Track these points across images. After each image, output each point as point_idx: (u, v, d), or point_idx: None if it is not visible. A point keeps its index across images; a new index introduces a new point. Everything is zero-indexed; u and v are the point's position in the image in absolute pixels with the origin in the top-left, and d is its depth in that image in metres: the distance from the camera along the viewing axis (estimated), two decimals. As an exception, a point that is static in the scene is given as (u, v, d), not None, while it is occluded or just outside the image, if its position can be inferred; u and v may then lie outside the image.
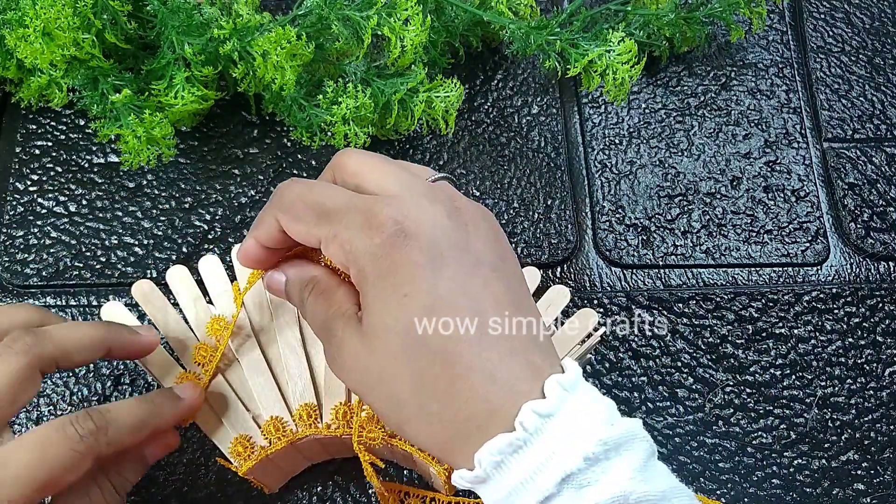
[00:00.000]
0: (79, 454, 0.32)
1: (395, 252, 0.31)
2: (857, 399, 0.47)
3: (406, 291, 0.31)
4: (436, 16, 0.50)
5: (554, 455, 0.28)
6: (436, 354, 0.30)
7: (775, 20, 0.58)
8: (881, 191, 0.53)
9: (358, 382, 0.33)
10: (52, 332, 0.35)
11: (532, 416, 0.29)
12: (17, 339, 0.34)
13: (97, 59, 0.46)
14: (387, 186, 0.33)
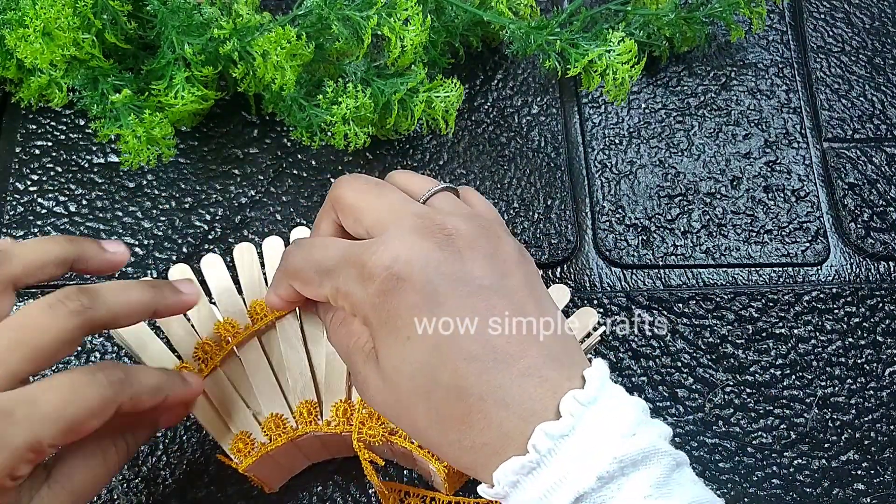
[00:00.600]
0: (106, 400, 0.32)
1: (391, 298, 0.32)
2: (857, 399, 0.47)
3: (408, 334, 0.32)
4: (436, 16, 0.50)
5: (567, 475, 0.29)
6: (448, 390, 0.31)
7: (775, 20, 0.58)
8: (881, 191, 0.53)
9: (384, 413, 0.34)
10: (106, 297, 0.34)
11: (544, 438, 0.29)
12: (71, 298, 0.33)
13: (97, 59, 0.46)
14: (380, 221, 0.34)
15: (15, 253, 0.34)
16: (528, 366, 0.31)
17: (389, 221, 0.33)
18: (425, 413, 0.32)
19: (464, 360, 0.31)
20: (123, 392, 0.33)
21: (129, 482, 0.43)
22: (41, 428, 0.31)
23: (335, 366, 0.41)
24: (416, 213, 0.34)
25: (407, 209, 0.34)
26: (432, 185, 0.37)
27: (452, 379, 0.31)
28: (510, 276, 0.33)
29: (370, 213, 0.34)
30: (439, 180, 0.40)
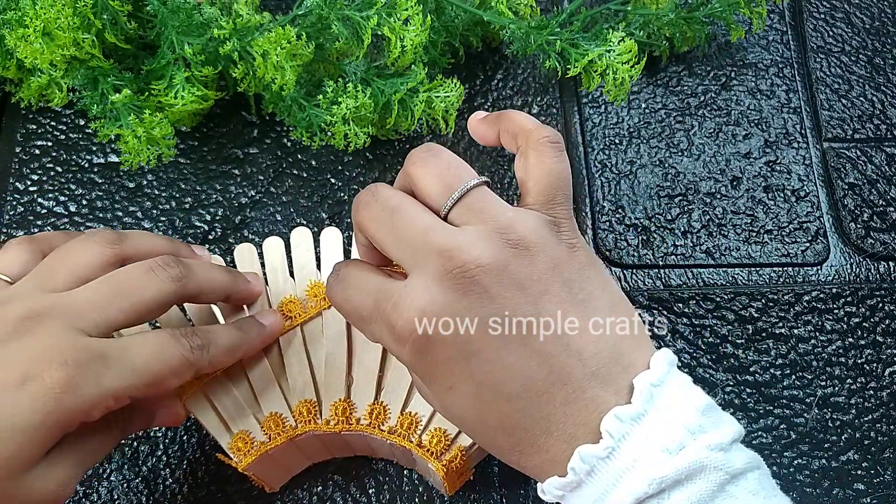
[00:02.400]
0: (188, 362, 0.35)
1: (425, 356, 0.32)
2: (857, 399, 0.47)
3: (450, 384, 0.32)
4: (436, 16, 0.50)
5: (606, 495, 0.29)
6: (495, 429, 0.32)
7: (775, 20, 0.58)
8: (881, 191, 0.53)
9: None
10: (197, 272, 0.37)
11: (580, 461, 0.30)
12: (171, 266, 0.36)
13: (97, 59, 0.46)
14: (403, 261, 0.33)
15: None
16: (571, 392, 0.31)
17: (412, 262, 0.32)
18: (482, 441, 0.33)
19: (506, 402, 0.31)
20: (203, 357, 0.36)
21: (129, 482, 0.43)
22: (131, 377, 0.33)
23: (334, 365, 0.41)
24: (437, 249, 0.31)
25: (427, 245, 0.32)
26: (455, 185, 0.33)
27: (498, 419, 0.32)
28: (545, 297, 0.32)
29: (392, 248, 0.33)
30: None
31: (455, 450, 0.38)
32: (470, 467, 0.41)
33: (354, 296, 0.34)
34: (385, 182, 0.51)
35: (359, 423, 0.39)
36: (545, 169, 0.34)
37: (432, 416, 0.40)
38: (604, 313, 0.32)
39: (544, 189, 0.34)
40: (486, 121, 0.39)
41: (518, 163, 0.36)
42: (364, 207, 0.35)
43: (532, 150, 0.35)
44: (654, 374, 0.31)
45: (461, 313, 0.31)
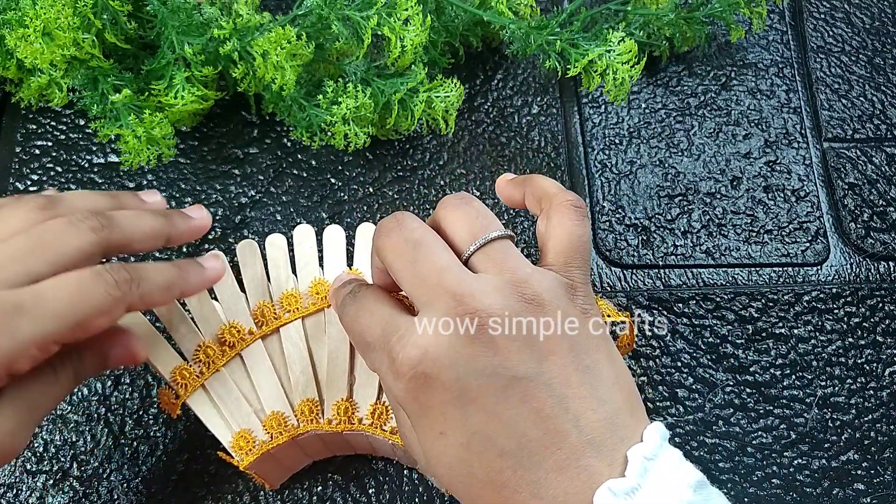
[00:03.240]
0: (113, 299, 0.33)
1: (420, 396, 0.31)
2: (857, 399, 0.47)
3: (441, 430, 0.31)
4: (436, 16, 0.50)
5: None
6: (483, 483, 0.31)
7: (775, 20, 0.58)
8: (881, 191, 0.53)
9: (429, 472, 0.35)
10: (119, 220, 0.36)
11: None
12: (88, 217, 0.35)
13: (97, 59, 0.46)
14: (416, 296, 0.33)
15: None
16: (565, 458, 0.30)
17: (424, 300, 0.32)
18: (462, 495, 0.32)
19: (497, 457, 0.30)
20: (132, 292, 0.34)
21: (129, 482, 0.43)
22: (49, 323, 0.31)
23: (337, 364, 0.41)
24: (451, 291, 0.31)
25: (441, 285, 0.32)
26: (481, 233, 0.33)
27: (487, 474, 0.31)
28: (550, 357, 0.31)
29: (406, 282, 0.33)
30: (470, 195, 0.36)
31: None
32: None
33: (364, 318, 0.34)
34: (387, 181, 0.51)
35: (361, 422, 0.39)
36: (565, 231, 0.35)
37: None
38: (607, 384, 0.32)
39: (563, 250, 0.34)
40: (514, 183, 0.39)
41: (540, 224, 0.36)
42: (386, 235, 0.34)
43: (554, 211, 0.35)
44: (647, 447, 0.30)
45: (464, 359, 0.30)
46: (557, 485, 0.30)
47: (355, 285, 0.36)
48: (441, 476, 0.32)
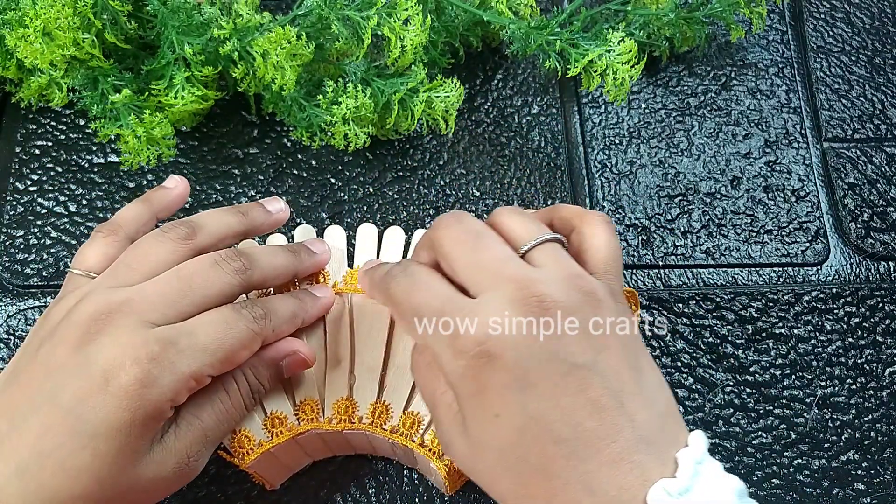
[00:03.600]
0: (254, 333, 0.36)
1: (481, 375, 0.31)
2: (857, 399, 0.47)
3: (497, 412, 0.31)
4: (436, 16, 0.50)
5: None
6: (535, 470, 0.31)
7: (775, 20, 0.58)
8: (881, 191, 0.53)
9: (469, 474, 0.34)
10: (260, 261, 0.38)
11: None
12: (234, 259, 0.37)
13: (97, 59, 0.46)
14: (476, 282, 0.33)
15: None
16: (619, 451, 0.30)
17: (485, 285, 0.33)
18: (510, 485, 0.32)
19: (552, 443, 0.31)
20: (267, 326, 0.37)
21: (129, 482, 0.43)
22: (202, 357, 0.34)
23: (337, 363, 0.41)
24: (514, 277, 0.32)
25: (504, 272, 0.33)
26: (536, 234, 0.35)
27: (540, 460, 0.31)
28: (607, 351, 0.32)
29: (466, 268, 0.34)
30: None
31: (456, 450, 0.38)
32: (470, 467, 0.41)
33: (420, 292, 0.34)
34: (387, 181, 0.51)
35: (361, 422, 0.39)
36: (600, 241, 0.36)
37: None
38: (653, 386, 0.33)
39: (602, 258, 0.36)
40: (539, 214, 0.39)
41: (573, 240, 0.37)
42: (445, 227, 0.35)
43: (587, 225, 0.37)
44: (697, 451, 0.31)
45: (528, 342, 0.31)
46: (610, 479, 0.30)
47: (404, 261, 0.37)
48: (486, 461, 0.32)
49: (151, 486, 0.34)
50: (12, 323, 0.47)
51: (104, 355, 0.33)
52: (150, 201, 0.42)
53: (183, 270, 0.36)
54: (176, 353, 0.34)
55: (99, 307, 0.34)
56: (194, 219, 0.39)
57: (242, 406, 0.37)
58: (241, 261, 0.38)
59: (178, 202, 0.42)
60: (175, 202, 0.42)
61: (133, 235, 0.40)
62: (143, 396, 0.33)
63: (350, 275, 0.43)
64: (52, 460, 0.32)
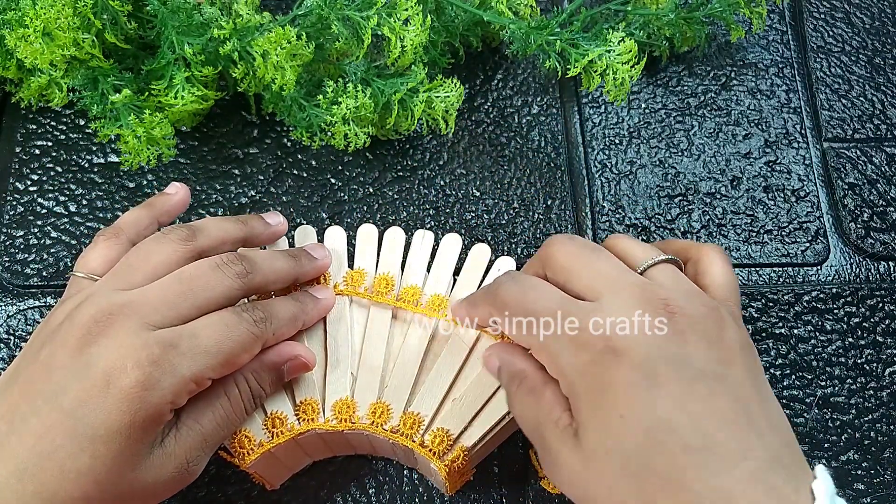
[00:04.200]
0: (254, 336, 0.37)
1: (606, 372, 0.30)
2: (857, 399, 0.47)
3: (622, 412, 0.30)
4: (436, 16, 0.50)
5: None
6: (662, 480, 0.29)
7: (775, 20, 0.58)
8: (881, 191, 0.53)
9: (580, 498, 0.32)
10: (261, 265, 0.39)
11: None
12: (234, 263, 0.38)
13: (97, 59, 0.46)
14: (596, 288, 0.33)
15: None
16: (753, 469, 0.28)
17: (605, 289, 0.32)
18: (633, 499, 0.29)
19: (682, 451, 0.29)
20: (267, 329, 0.37)
21: (130, 482, 0.43)
22: (203, 360, 0.34)
23: (337, 364, 0.41)
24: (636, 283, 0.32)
25: (624, 279, 0.33)
26: (653, 255, 0.35)
27: (669, 469, 0.29)
28: (733, 366, 0.31)
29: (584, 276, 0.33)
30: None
31: (457, 450, 0.38)
32: (471, 467, 0.41)
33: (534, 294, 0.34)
34: (387, 181, 0.51)
35: (361, 422, 0.39)
36: (719, 271, 0.36)
37: (434, 416, 0.40)
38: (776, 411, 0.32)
39: (722, 285, 0.35)
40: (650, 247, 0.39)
41: (688, 270, 0.37)
42: (560, 244, 0.36)
43: (703, 255, 0.37)
44: (830, 485, 0.29)
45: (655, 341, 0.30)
46: (746, 499, 0.28)
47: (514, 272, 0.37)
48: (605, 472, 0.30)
49: (150, 490, 0.34)
50: (12, 323, 0.47)
51: (105, 357, 0.33)
52: (151, 206, 0.42)
53: (184, 273, 0.36)
54: (176, 356, 0.34)
55: (100, 309, 0.34)
56: (194, 223, 0.40)
57: (243, 410, 0.37)
58: (242, 264, 0.38)
59: (179, 207, 0.43)
60: (176, 207, 0.43)
61: (134, 239, 0.40)
62: (144, 399, 0.33)
63: (350, 276, 0.43)
64: (52, 462, 0.32)
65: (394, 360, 0.41)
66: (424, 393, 0.40)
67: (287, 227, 0.44)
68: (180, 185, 0.43)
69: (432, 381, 0.40)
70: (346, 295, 0.43)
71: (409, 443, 0.39)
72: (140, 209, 0.42)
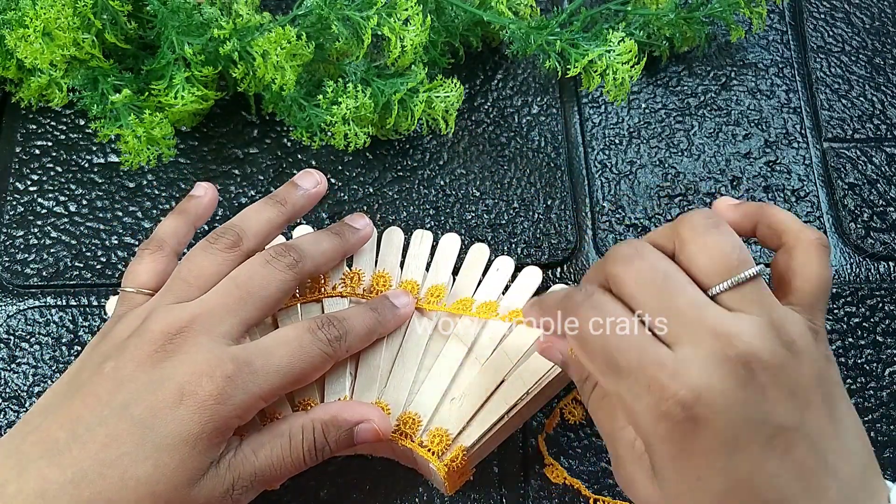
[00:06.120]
0: (326, 356, 0.37)
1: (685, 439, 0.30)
2: (857, 399, 0.47)
3: (699, 475, 0.30)
4: (436, 16, 0.50)
5: None
6: None
7: (775, 20, 0.58)
8: (881, 191, 0.53)
9: None
10: (308, 251, 0.39)
11: None
12: (283, 255, 0.38)
13: (97, 59, 0.46)
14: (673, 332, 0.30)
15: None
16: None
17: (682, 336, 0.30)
18: None
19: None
20: (340, 348, 0.38)
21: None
22: (274, 379, 0.35)
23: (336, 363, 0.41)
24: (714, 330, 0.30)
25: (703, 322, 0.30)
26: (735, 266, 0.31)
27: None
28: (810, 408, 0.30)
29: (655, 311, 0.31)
30: None
31: (456, 450, 0.38)
32: (471, 467, 0.41)
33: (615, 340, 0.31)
34: (387, 181, 0.51)
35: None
36: (814, 272, 0.33)
37: (433, 416, 0.40)
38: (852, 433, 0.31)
39: (811, 291, 0.33)
40: (743, 210, 0.36)
41: (780, 258, 0.34)
42: (625, 262, 0.32)
43: (802, 250, 0.33)
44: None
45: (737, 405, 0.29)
46: None
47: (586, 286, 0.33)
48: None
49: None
50: (12, 323, 0.47)
51: (180, 371, 0.34)
52: (185, 212, 0.42)
53: (240, 277, 0.37)
54: (250, 374, 0.35)
55: (169, 323, 0.35)
56: (237, 222, 0.40)
57: (301, 458, 0.37)
58: (290, 255, 0.38)
59: (210, 208, 0.43)
60: (208, 209, 0.43)
61: (177, 248, 0.40)
62: (215, 411, 0.33)
63: (349, 276, 0.43)
64: (114, 470, 0.32)
65: (392, 360, 0.41)
66: (423, 393, 0.40)
67: (326, 183, 0.44)
68: (207, 184, 0.43)
69: (431, 381, 0.40)
70: (346, 297, 0.43)
71: (408, 443, 0.39)
72: (175, 217, 0.42)
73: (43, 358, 0.46)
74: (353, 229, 0.43)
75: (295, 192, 0.42)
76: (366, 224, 0.43)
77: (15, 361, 0.46)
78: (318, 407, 0.38)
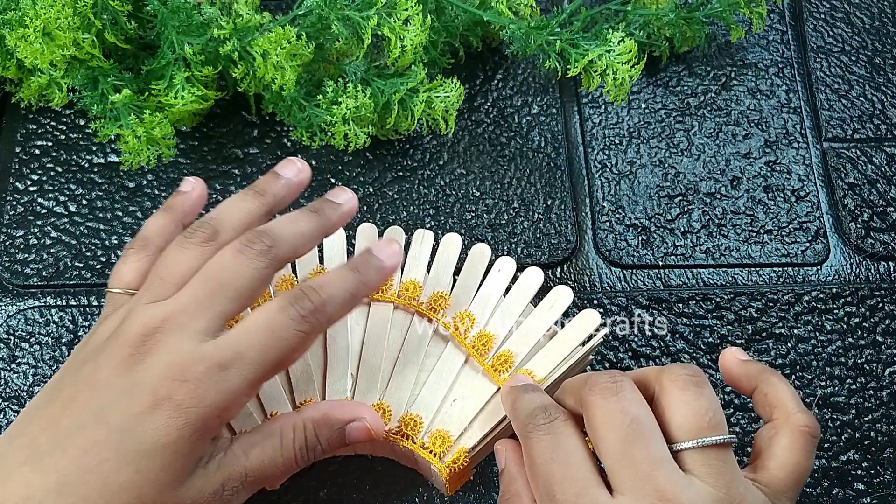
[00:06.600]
0: (303, 334, 0.35)
1: None
2: (857, 399, 0.47)
3: None
4: (436, 16, 0.50)
5: None
6: None
7: (775, 20, 0.58)
8: (881, 191, 0.53)
9: None
10: (283, 234, 0.36)
11: None
12: (254, 241, 0.36)
13: (97, 59, 0.46)
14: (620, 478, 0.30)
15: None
16: None
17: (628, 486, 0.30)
18: None
19: None
20: (319, 322, 0.35)
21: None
22: (250, 371, 0.33)
23: (337, 365, 0.41)
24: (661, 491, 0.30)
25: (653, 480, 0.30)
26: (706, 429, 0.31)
27: None
28: None
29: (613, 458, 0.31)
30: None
31: (458, 451, 0.38)
32: (471, 468, 0.41)
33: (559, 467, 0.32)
34: (387, 181, 0.51)
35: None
36: (792, 461, 0.33)
37: (435, 417, 0.40)
38: None
39: (784, 478, 0.32)
40: (747, 369, 0.36)
41: (765, 432, 0.34)
42: (601, 394, 0.32)
43: (789, 433, 0.33)
44: None
45: None
46: None
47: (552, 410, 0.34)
48: None
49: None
50: (12, 323, 0.47)
51: (152, 375, 0.33)
52: (172, 209, 0.41)
53: (208, 270, 0.35)
54: (221, 372, 0.33)
55: (144, 324, 0.34)
56: (214, 215, 0.38)
57: (293, 457, 0.36)
58: (262, 241, 0.36)
59: (199, 204, 0.42)
60: (196, 205, 0.41)
61: (163, 246, 0.39)
62: (192, 413, 0.32)
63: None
64: (96, 476, 0.32)
65: (394, 362, 0.41)
66: (424, 394, 0.40)
67: (309, 171, 0.41)
68: (195, 179, 0.42)
69: (432, 383, 0.41)
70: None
71: (409, 444, 0.39)
72: (162, 215, 0.40)
73: (43, 358, 0.46)
74: (333, 205, 0.39)
75: (276, 181, 0.40)
76: (349, 198, 0.39)
77: (15, 361, 0.46)
78: (310, 406, 0.37)
